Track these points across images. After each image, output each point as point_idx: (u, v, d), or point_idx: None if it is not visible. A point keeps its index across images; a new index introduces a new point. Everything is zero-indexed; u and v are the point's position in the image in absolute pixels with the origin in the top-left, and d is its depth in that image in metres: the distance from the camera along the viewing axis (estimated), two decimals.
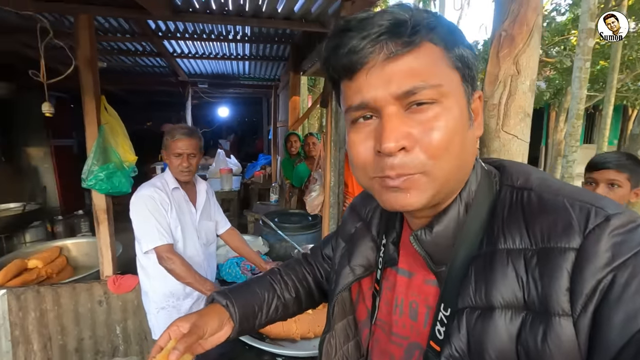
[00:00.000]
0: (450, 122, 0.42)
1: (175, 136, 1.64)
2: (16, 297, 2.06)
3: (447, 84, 0.42)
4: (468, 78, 0.44)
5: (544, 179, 0.46)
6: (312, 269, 0.82)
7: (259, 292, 0.75)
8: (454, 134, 0.42)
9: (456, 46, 0.43)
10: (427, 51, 0.42)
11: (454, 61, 0.43)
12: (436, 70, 0.42)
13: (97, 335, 2.20)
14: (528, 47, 0.79)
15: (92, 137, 2.00)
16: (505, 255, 0.41)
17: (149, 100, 7.93)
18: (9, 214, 3.29)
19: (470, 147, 0.45)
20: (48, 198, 4.72)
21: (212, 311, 0.67)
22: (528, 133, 0.85)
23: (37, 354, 2.13)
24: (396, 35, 0.41)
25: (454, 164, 0.43)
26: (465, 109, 0.44)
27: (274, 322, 0.78)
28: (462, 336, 0.42)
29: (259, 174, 5.62)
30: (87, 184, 1.97)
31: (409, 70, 0.41)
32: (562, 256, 0.38)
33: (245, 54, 4.17)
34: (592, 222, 0.38)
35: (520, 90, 0.81)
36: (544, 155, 10.81)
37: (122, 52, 3.96)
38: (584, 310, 0.35)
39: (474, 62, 0.45)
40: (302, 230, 2.57)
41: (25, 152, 4.69)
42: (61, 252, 2.68)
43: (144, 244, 1.57)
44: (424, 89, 0.41)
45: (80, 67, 1.91)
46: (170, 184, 1.69)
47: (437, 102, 0.41)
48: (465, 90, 0.44)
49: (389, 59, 0.41)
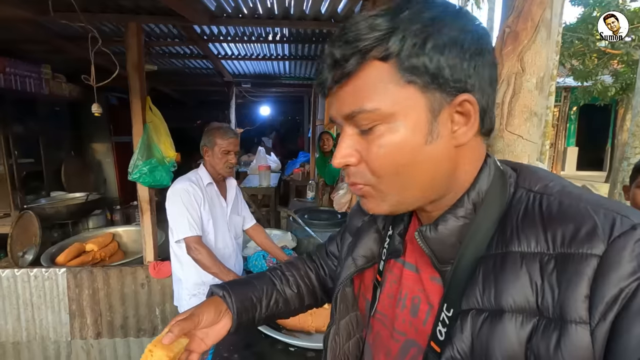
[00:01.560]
0: (393, 143, 0.42)
1: (227, 135, 1.78)
2: (74, 276, 2.33)
3: (390, 105, 0.41)
4: (435, 85, 0.41)
5: (564, 185, 0.44)
6: (316, 267, 0.82)
7: (257, 285, 0.75)
8: (397, 154, 0.42)
9: (416, 54, 0.40)
10: (369, 71, 0.41)
11: (407, 75, 0.40)
12: (374, 93, 0.41)
13: (139, 315, 2.43)
14: (534, 43, 0.75)
15: (138, 134, 2.20)
16: (519, 258, 0.40)
17: (199, 100, 8.42)
18: (75, 202, 3.70)
19: (437, 161, 0.43)
20: (108, 189, 5.21)
21: (209, 302, 0.68)
22: (536, 133, 0.81)
23: (89, 327, 2.40)
24: (338, 64, 0.42)
25: (403, 181, 0.44)
26: (424, 124, 0.42)
27: (277, 318, 0.79)
28: (466, 338, 0.41)
29: (297, 171, 5.75)
30: (132, 177, 2.17)
31: (349, 95, 0.43)
32: (583, 262, 0.36)
33: (285, 54, 4.28)
34: (618, 229, 0.36)
35: (526, 88, 0.77)
36: (610, 158, 9.79)
37: (173, 56, 4.25)
38: (603, 318, 0.34)
39: (458, 65, 0.41)
40: (330, 228, 2.61)
41: (91, 147, 5.21)
42: (114, 238, 2.98)
43: (175, 234, 1.71)
44: (360, 114, 0.42)
45: (129, 71, 2.12)
46: (205, 180, 1.82)
47: (381, 123, 0.42)
48: (430, 102, 0.41)
49: (339, 84, 0.43)
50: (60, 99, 3.99)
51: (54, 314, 2.36)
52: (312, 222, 2.63)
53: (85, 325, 2.39)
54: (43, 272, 2.31)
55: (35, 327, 2.37)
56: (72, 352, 2.43)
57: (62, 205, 3.38)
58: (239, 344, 1.37)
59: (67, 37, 2.83)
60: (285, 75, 5.60)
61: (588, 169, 10.91)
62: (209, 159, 1.82)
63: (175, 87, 6.16)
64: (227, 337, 0.69)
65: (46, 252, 2.55)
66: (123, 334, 2.42)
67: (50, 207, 3.27)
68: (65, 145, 4.59)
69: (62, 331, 2.38)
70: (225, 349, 1.35)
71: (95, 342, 2.43)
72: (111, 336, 2.42)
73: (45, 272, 2.31)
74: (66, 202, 3.53)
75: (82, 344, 2.43)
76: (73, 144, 4.82)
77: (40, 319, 2.36)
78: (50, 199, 3.65)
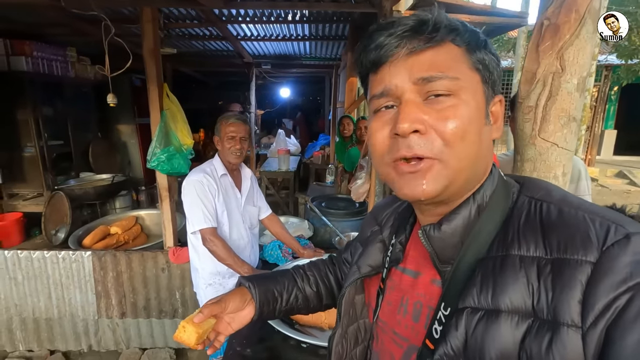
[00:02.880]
0: (466, 114, 0.44)
1: (230, 120, 1.76)
2: (98, 258, 2.42)
3: (465, 79, 0.45)
4: (488, 81, 0.47)
5: (565, 195, 0.46)
6: (335, 270, 0.87)
7: (280, 280, 0.81)
8: (469, 125, 0.44)
9: (478, 50, 0.46)
10: (448, 49, 0.45)
11: (474, 63, 0.46)
12: (455, 65, 0.45)
13: (160, 297, 2.51)
14: (577, 38, 0.65)
15: (156, 122, 2.19)
16: (518, 261, 0.41)
17: (220, 81, 8.41)
18: (103, 183, 3.83)
19: (486, 143, 0.47)
20: (133, 170, 5.35)
21: (236, 291, 0.76)
22: (573, 140, 0.71)
23: (114, 307, 2.51)
24: (419, 32, 0.45)
25: (468, 154, 0.45)
26: (483, 108, 0.46)
27: (297, 313, 0.84)
28: (460, 335, 0.42)
29: (317, 154, 5.68)
30: (150, 165, 2.19)
31: (429, 62, 0.45)
32: (577, 268, 0.38)
33: (305, 35, 4.15)
34: (612, 238, 0.38)
35: (564, 90, 0.68)
36: None
37: (192, 37, 4.21)
38: (594, 324, 0.35)
39: (496, 67, 0.47)
40: (346, 217, 2.57)
41: (117, 129, 5.33)
42: (137, 221, 3.06)
43: (191, 225, 1.72)
44: (441, 79, 0.44)
45: (145, 57, 2.09)
46: (219, 171, 1.80)
47: (454, 95, 0.44)
48: (485, 92, 0.47)
49: (411, 53, 0.45)
50: (85, 81, 4.07)
51: (82, 294, 2.47)
52: (329, 210, 2.60)
53: (110, 305, 2.50)
54: (70, 254, 2.41)
55: (65, 305, 2.50)
56: (99, 329, 2.56)
57: (90, 187, 3.50)
58: (252, 338, 1.38)
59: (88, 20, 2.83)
60: (305, 56, 5.46)
61: (626, 153, 10.22)
62: (219, 147, 1.80)
63: (196, 68, 6.15)
64: (241, 331, 0.75)
65: (73, 235, 2.65)
66: (146, 314, 2.52)
67: (79, 188, 3.39)
68: (92, 127, 4.71)
69: (90, 310, 2.50)
70: (238, 342, 1.36)
71: (120, 321, 2.54)
72: (135, 316, 2.53)
73: (73, 254, 2.41)
74: (94, 184, 3.65)
75: (109, 323, 2.55)
76: (99, 126, 4.93)
77: (69, 298, 2.49)
78: (79, 180, 3.78)
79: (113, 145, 5.22)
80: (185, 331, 0.66)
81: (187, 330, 0.66)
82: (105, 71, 1.74)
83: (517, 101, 0.73)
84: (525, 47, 6.87)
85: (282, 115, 9.57)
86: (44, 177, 3.26)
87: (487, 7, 1.72)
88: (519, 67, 6.68)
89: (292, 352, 1.33)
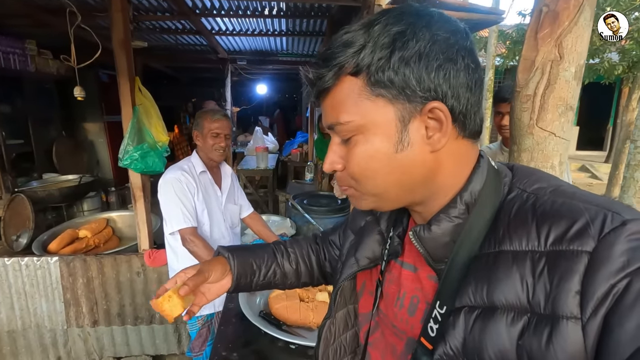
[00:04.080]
0: (366, 152, 0.45)
1: (215, 116, 1.68)
2: (66, 264, 2.26)
3: (361, 117, 0.44)
4: (406, 96, 0.43)
5: (558, 184, 0.45)
6: (318, 250, 0.87)
7: (259, 253, 0.81)
8: (371, 162, 0.46)
9: (382, 70, 0.42)
10: (343, 86, 0.45)
11: (374, 89, 0.43)
12: (347, 107, 0.45)
13: (136, 303, 2.38)
14: (576, 25, 0.64)
15: (128, 118, 2.07)
16: (510, 257, 0.41)
17: (193, 77, 8.15)
18: (68, 185, 3.60)
19: (411, 167, 0.45)
20: (102, 170, 5.09)
21: (216, 261, 0.75)
22: (570, 129, 0.71)
23: (85, 316, 2.36)
24: (318, 80, 0.46)
25: (378, 184, 0.47)
26: (393, 133, 0.44)
27: (274, 287, 0.84)
28: (458, 335, 0.42)
29: (295, 152, 5.64)
30: (123, 163, 2.07)
31: (331, 107, 0.47)
32: (574, 259, 0.37)
33: (282, 30, 4.09)
34: (608, 226, 0.37)
35: (562, 78, 0.67)
36: (611, 138, 9.71)
37: (164, 31, 4.04)
38: (594, 314, 0.35)
39: (424, 75, 0.42)
40: (329, 214, 2.54)
41: (83, 127, 5.05)
42: (107, 224, 2.90)
43: (169, 226, 1.63)
44: (337, 126, 0.46)
45: (115, 49, 1.96)
46: (198, 168, 1.72)
47: (357, 134, 0.45)
48: (400, 111, 0.44)
49: (321, 98, 0.48)
50: (47, 76, 3.81)
51: (48, 303, 2.31)
52: (312, 208, 2.56)
53: (81, 314, 2.35)
54: (35, 260, 2.24)
55: (29, 315, 2.32)
56: (69, 339, 2.40)
57: (55, 188, 3.27)
58: (238, 341, 1.32)
59: (51, 10, 2.64)
60: (282, 52, 5.38)
61: (588, 148, 10.88)
62: (199, 143, 1.73)
63: (168, 63, 5.92)
64: (226, 335, 0.72)
65: (37, 240, 2.46)
66: (120, 321, 2.39)
67: (43, 190, 3.16)
68: (56, 125, 4.44)
69: (58, 319, 2.34)
70: (223, 347, 1.30)
71: (92, 330, 2.40)
72: (108, 324, 2.39)
73: (37, 261, 2.24)
74: (59, 185, 3.42)
75: (79, 332, 2.39)
76: (64, 124, 4.66)
77: (34, 308, 2.31)
78: (42, 182, 3.54)
79: (79, 144, 4.95)
80: (171, 301, 0.64)
81: (172, 300, 0.64)
82: (71, 62, 1.61)
83: (515, 90, 0.72)
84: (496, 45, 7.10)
85: (259, 112, 9.42)
86: (2, 178, 3.03)
87: (466, 4, 1.73)
88: (490, 65, 6.89)
89: (280, 354, 1.29)
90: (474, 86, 0.45)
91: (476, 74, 0.45)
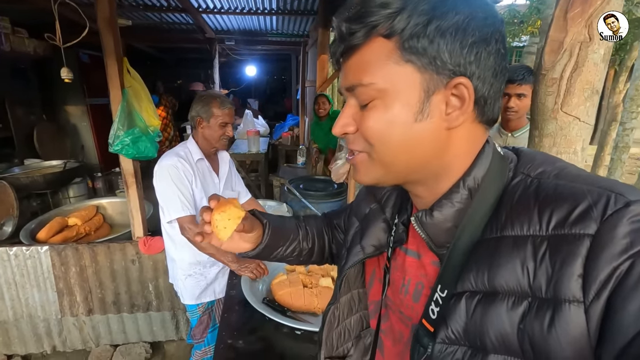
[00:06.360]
0: (384, 117, 0.44)
1: (225, 105, 1.62)
2: (58, 253, 2.20)
3: (385, 81, 0.43)
4: (435, 67, 0.42)
5: (563, 166, 0.44)
6: (329, 231, 0.87)
7: (287, 230, 0.80)
8: (387, 128, 0.44)
9: (417, 37, 0.41)
10: (372, 48, 0.43)
11: (406, 55, 0.42)
12: (373, 68, 0.43)
13: (131, 291, 2.34)
14: (608, 4, 0.61)
15: (117, 101, 1.97)
16: (511, 242, 0.41)
17: (179, 58, 7.87)
18: (53, 171, 3.46)
19: (424, 140, 0.44)
20: (87, 155, 4.93)
21: (256, 220, 0.72)
22: (594, 114, 0.69)
23: (80, 305, 2.32)
24: (346, 37, 0.44)
25: (392, 153, 0.46)
26: (415, 102, 0.43)
27: (284, 262, 0.84)
28: (460, 319, 0.42)
29: (286, 135, 5.55)
30: (113, 149, 1.98)
31: (352, 68, 0.46)
32: (576, 243, 0.36)
33: (272, 8, 3.94)
34: (611, 207, 0.36)
35: (591, 61, 0.65)
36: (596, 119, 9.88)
37: (148, 8, 3.85)
38: (597, 296, 0.34)
39: (458, 50, 0.41)
40: (326, 199, 2.52)
41: (65, 110, 4.84)
42: (97, 211, 2.81)
43: (167, 214, 1.58)
44: (358, 87, 0.45)
45: (100, 28, 1.84)
46: (195, 155, 1.66)
47: (378, 98, 0.44)
48: (426, 80, 0.42)
49: (344, 58, 0.47)
50: (24, 56, 3.58)
51: (41, 293, 2.25)
52: (308, 192, 2.53)
53: (75, 303, 2.30)
54: (24, 250, 2.17)
55: (21, 305, 2.27)
56: (63, 329, 2.36)
57: (39, 174, 3.15)
58: (243, 328, 1.32)
59: None
60: (272, 32, 5.22)
61: None
62: (203, 130, 1.65)
63: (152, 43, 5.68)
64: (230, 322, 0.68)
65: (25, 228, 2.38)
66: (116, 310, 2.35)
67: (25, 177, 3.04)
68: (36, 109, 4.25)
69: (51, 309, 2.29)
70: (228, 334, 1.29)
71: (87, 318, 2.36)
72: (103, 312, 2.35)
73: (26, 250, 2.17)
74: (42, 171, 3.29)
75: (74, 321, 2.35)
76: (44, 107, 4.46)
77: (25, 298, 2.25)
78: (25, 168, 3.40)
79: (61, 129, 4.76)
80: (228, 211, 0.60)
81: (230, 211, 0.60)
82: (56, 41, 1.50)
83: (540, 73, 0.69)
84: None
85: (248, 95, 9.21)
86: None
87: None
88: None
89: (286, 340, 1.29)
90: (500, 73, 0.44)
91: (504, 62, 0.44)
